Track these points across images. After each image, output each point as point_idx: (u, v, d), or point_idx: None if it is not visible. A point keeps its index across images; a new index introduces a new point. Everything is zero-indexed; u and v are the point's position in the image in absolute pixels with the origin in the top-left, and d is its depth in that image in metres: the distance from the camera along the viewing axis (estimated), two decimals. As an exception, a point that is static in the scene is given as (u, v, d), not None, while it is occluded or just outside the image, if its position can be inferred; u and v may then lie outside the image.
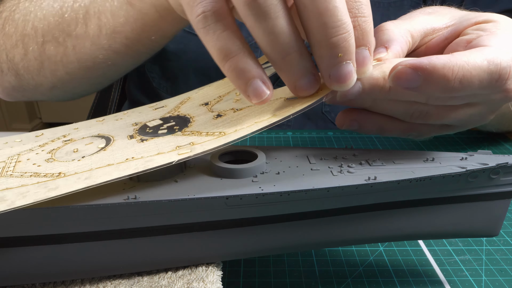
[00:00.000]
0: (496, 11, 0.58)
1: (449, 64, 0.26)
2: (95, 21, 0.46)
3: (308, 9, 0.24)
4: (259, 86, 0.26)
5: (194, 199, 0.25)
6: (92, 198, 0.24)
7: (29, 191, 0.23)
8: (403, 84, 0.27)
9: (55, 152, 0.29)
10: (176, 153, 0.25)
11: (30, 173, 0.26)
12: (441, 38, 0.34)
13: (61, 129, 0.35)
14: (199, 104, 0.33)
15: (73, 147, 0.29)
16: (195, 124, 0.30)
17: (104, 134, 0.31)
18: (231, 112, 0.30)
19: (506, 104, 0.43)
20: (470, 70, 0.26)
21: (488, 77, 0.27)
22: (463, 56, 0.27)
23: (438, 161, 0.28)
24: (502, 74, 0.27)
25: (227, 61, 0.26)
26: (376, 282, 0.32)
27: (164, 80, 0.67)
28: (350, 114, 0.32)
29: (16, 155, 0.29)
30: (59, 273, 0.26)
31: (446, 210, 0.29)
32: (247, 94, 0.26)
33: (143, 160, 0.25)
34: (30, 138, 0.33)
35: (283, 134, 0.60)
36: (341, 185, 0.26)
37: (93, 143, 0.29)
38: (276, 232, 0.28)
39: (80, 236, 0.25)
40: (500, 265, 0.34)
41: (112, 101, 0.75)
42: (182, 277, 0.26)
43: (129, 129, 0.31)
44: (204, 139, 0.27)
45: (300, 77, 0.26)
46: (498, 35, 0.30)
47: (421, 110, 0.30)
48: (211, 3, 0.25)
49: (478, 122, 0.33)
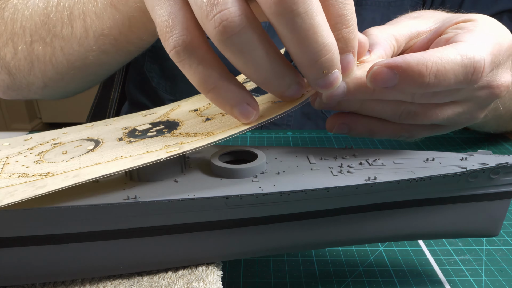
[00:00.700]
0: (496, 11, 0.58)
1: (422, 60, 0.27)
2: (81, 22, 0.46)
3: (288, 38, 0.24)
4: (244, 109, 0.26)
5: (194, 199, 0.25)
6: (92, 197, 0.24)
7: (17, 190, 0.23)
8: (380, 83, 0.27)
9: (44, 154, 0.29)
10: (165, 151, 0.25)
11: (19, 174, 0.26)
12: (425, 40, 0.35)
13: (50, 133, 0.35)
14: (189, 110, 0.34)
15: (62, 149, 0.29)
16: (184, 127, 0.30)
17: (94, 137, 0.31)
18: (219, 115, 0.30)
19: (503, 105, 0.43)
20: (443, 65, 0.27)
21: (463, 71, 0.27)
22: (436, 52, 0.27)
23: (438, 161, 0.28)
24: (477, 68, 0.28)
25: (208, 92, 0.26)
26: (376, 282, 0.32)
27: (164, 80, 0.67)
28: (340, 117, 0.32)
29: (4, 157, 0.29)
30: (59, 273, 0.26)
31: (446, 210, 0.29)
32: (235, 116, 0.26)
33: (131, 158, 0.25)
34: (18, 142, 0.33)
35: (283, 134, 0.60)
36: (341, 185, 0.26)
37: (82, 145, 0.29)
38: (276, 232, 0.28)
39: (80, 236, 0.25)
40: (500, 265, 0.34)
41: (112, 101, 0.75)
42: (182, 277, 0.26)
43: (118, 133, 0.31)
44: (192, 139, 0.27)
45: (286, 90, 0.26)
46: (474, 32, 0.30)
47: (408, 110, 0.30)
48: (181, 36, 0.24)
49: (469, 120, 0.33)
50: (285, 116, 0.66)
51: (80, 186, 0.26)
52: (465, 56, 0.27)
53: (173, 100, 0.67)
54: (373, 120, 0.32)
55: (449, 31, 0.32)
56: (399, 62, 0.27)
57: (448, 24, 0.33)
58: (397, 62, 0.27)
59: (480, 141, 0.56)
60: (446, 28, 0.33)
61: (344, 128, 0.32)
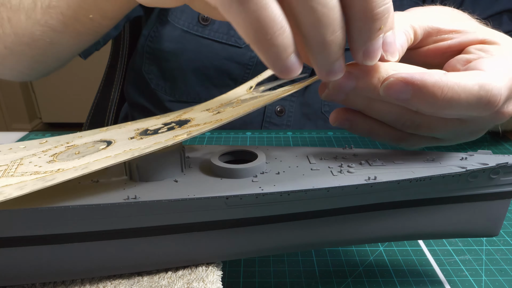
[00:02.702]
0: (496, 11, 0.58)
1: (439, 83, 0.26)
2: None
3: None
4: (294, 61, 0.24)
5: (194, 199, 0.25)
6: (92, 197, 0.24)
7: (27, 184, 0.23)
8: (392, 95, 0.27)
9: (57, 155, 0.29)
10: (173, 139, 0.25)
11: (31, 172, 0.26)
12: (444, 46, 0.34)
13: (65, 137, 0.35)
14: (201, 110, 0.34)
15: (75, 150, 0.30)
16: (194, 121, 0.30)
17: (106, 139, 0.31)
18: (229, 108, 0.31)
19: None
20: (459, 92, 0.26)
21: (477, 101, 0.27)
22: (455, 77, 0.27)
23: (438, 161, 0.28)
24: (492, 101, 0.27)
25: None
26: (376, 282, 0.32)
27: (163, 81, 0.67)
28: (344, 112, 0.32)
29: (19, 159, 0.30)
30: (59, 273, 0.26)
31: (446, 210, 0.29)
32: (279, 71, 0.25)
33: (139, 149, 0.25)
34: (34, 145, 0.34)
35: (283, 134, 0.60)
36: (341, 185, 0.26)
37: (95, 146, 0.30)
38: (276, 232, 0.28)
39: (80, 236, 0.25)
40: (500, 265, 0.34)
41: (112, 101, 0.75)
42: (182, 277, 0.26)
43: (130, 133, 0.32)
44: (201, 127, 0.27)
45: (337, 59, 0.25)
46: (497, 60, 0.30)
47: (413, 120, 0.30)
48: None
49: (468, 138, 0.33)
50: (285, 116, 0.66)
51: (80, 186, 0.26)
52: (483, 88, 0.27)
53: (172, 101, 0.67)
54: (376, 122, 0.32)
55: (472, 51, 0.32)
56: (416, 79, 0.26)
57: (472, 38, 0.33)
58: (415, 78, 0.26)
59: (480, 141, 0.56)
60: (470, 43, 0.33)
61: (346, 124, 0.32)
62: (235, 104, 0.32)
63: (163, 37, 0.63)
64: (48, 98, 2.50)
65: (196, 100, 0.65)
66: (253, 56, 0.62)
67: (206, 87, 0.65)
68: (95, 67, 1.23)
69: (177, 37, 0.63)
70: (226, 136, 0.59)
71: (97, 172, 0.27)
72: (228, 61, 0.63)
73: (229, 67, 0.63)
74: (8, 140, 0.59)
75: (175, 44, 0.63)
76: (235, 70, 0.63)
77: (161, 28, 0.63)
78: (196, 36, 0.62)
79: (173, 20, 0.63)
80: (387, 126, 0.32)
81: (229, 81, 0.64)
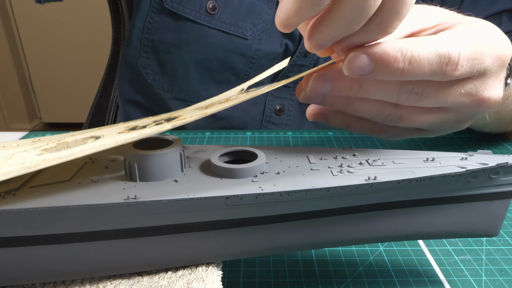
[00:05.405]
0: (495, 11, 0.58)
1: (398, 46, 0.27)
2: None
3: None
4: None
5: (194, 199, 0.25)
6: (92, 197, 0.24)
7: (12, 171, 0.23)
8: (356, 70, 0.27)
9: (47, 150, 0.29)
10: (158, 130, 0.26)
11: (18, 163, 0.26)
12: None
13: (57, 136, 0.36)
14: (191, 110, 0.34)
15: (64, 145, 0.30)
16: (181, 117, 0.30)
17: (96, 135, 0.32)
18: (217, 105, 0.31)
19: (505, 108, 0.43)
20: (418, 51, 0.27)
21: (437, 59, 0.27)
22: (412, 40, 0.27)
23: (438, 161, 0.28)
24: (452, 58, 0.27)
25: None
26: (376, 282, 0.32)
27: (161, 75, 0.64)
28: (320, 108, 0.33)
29: (10, 154, 0.30)
30: (59, 273, 0.26)
31: (446, 210, 0.29)
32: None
33: (124, 138, 0.25)
34: (26, 143, 0.34)
35: (283, 134, 0.60)
36: (341, 185, 0.26)
37: (84, 141, 0.30)
38: (276, 232, 0.28)
39: (80, 236, 0.25)
40: (500, 265, 0.34)
41: (112, 101, 0.75)
42: (182, 277, 0.26)
43: (120, 129, 0.32)
44: (187, 119, 0.27)
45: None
46: (456, 28, 0.30)
47: (394, 114, 0.30)
48: None
49: (453, 128, 0.33)
50: (284, 115, 0.66)
51: (80, 186, 0.26)
52: (441, 46, 0.27)
53: (170, 98, 0.65)
54: (353, 117, 0.32)
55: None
56: (375, 48, 0.27)
57: (448, 25, 0.33)
58: (373, 48, 0.27)
59: (480, 141, 0.56)
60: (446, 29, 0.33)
61: (322, 119, 0.33)
62: (224, 101, 0.32)
63: (164, 28, 0.60)
64: (48, 98, 2.50)
65: (195, 99, 0.64)
66: (258, 48, 0.61)
67: (206, 84, 0.63)
68: (95, 67, 1.23)
69: (181, 27, 0.60)
70: (226, 136, 0.59)
71: (97, 171, 0.27)
72: (233, 53, 0.61)
73: (233, 59, 0.61)
74: (8, 140, 0.59)
75: (177, 34, 0.60)
76: (238, 63, 0.62)
77: (158, 19, 0.60)
78: (201, 26, 0.60)
79: (177, 8, 0.59)
80: (365, 119, 0.32)
81: (231, 76, 0.63)
